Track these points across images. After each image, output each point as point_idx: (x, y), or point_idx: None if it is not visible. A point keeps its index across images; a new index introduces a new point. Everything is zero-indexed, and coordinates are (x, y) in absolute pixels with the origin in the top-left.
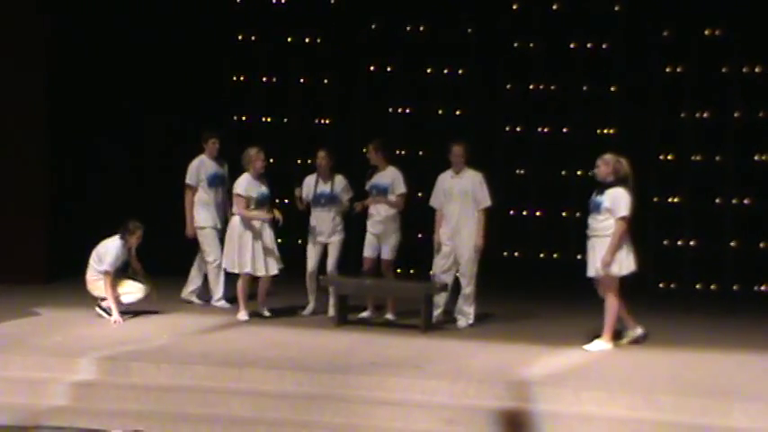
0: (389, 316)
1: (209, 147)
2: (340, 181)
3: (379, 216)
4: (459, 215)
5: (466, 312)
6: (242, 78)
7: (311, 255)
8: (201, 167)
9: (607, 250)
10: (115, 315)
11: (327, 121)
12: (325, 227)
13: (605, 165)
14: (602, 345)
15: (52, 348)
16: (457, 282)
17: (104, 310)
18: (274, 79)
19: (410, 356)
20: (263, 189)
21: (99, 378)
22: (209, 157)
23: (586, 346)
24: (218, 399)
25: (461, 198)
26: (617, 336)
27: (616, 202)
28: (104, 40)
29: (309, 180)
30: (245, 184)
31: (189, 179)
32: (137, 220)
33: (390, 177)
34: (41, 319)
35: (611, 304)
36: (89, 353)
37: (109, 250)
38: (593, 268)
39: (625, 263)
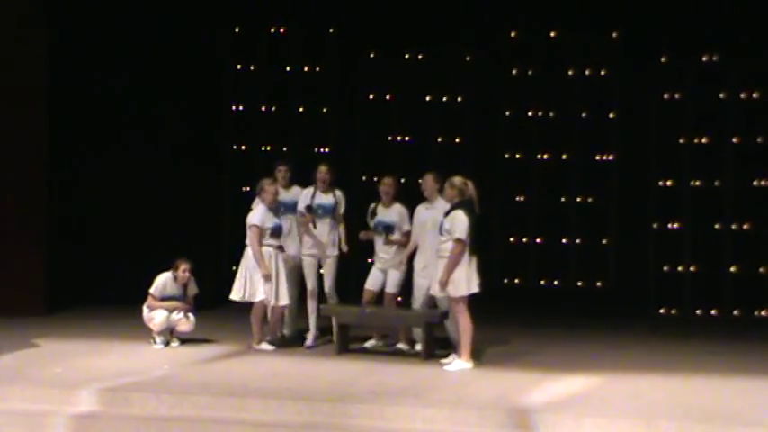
0: (402, 345)
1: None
2: (339, 195)
3: (387, 255)
4: (431, 247)
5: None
6: (241, 108)
7: (310, 274)
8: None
9: (443, 271)
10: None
11: (327, 150)
12: (324, 242)
13: (451, 188)
14: (461, 365)
15: (52, 380)
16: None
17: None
18: (273, 108)
19: (411, 385)
20: (277, 220)
21: (99, 409)
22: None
23: (446, 367)
24: (219, 429)
25: (434, 229)
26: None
27: (454, 223)
28: (101, 68)
29: (307, 192)
30: (261, 215)
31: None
32: (185, 257)
33: (397, 214)
34: (41, 351)
35: (462, 324)
36: (89, 384)
37: (157, 277)
38: (433, 288)
39: (464, 284)
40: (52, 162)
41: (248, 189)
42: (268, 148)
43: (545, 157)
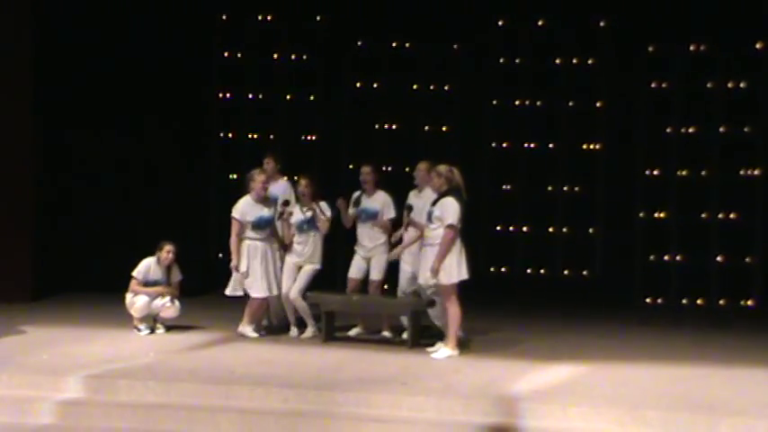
0: (386, 333)
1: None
2: (324, 206)
3: (370, 242)
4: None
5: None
6: (228, 95)
7: (288, 276)
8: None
9: (435, 258)
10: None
11: (313, 138)
12: (306, 249)
13: (438, 176)
14: (447, 352)
15: (39, 366)
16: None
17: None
18: (261, 96)
19: (397, 373)
20: (264, 212)
21: (86, 396)
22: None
23: (432, 354)
24: (206, 416)
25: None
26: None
27: (445, 210)
28: (89, 57)
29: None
30: (242, 208)
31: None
32: (168, 239)
33: (380, 202)
34: (27, 338)
35: (451, 312)
36: (76, 371)
37: (142, 261)
38: (423, 276)
39: (455, 271)
40: (37, 149)
41: (235, 177)
42: (255, 136)
43: (532, 145)
